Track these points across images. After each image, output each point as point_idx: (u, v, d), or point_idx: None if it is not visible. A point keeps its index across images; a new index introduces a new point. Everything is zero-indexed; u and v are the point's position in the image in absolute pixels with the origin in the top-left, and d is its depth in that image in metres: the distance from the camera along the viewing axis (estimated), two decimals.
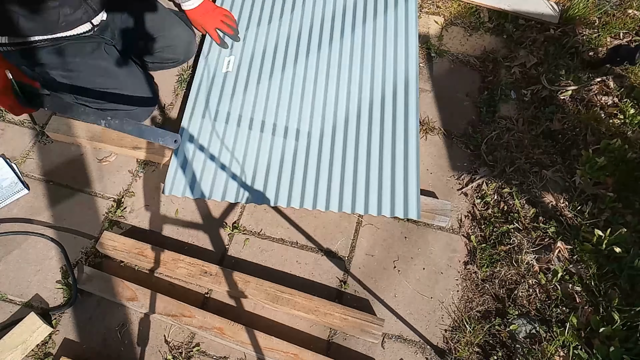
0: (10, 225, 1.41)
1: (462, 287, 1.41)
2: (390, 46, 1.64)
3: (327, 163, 1.44)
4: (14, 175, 1.46)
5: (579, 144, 1.65)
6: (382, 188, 1.39)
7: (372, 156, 1.44)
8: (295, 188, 1.40)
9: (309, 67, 1.60)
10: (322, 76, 1.59)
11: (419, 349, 1.32)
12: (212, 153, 1.47)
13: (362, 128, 1.48)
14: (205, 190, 1.41)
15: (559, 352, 1.28)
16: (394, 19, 1.70)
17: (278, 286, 1.31)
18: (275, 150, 1.47)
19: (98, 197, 1.48)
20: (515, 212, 1.51)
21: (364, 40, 1.66)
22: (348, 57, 1.62)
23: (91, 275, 1.31)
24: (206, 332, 1.25)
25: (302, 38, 1.67)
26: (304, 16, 1.72)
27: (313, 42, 1.66)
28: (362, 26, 1.68)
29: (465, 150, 1.64)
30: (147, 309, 1.27)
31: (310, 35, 1.67)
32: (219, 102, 1.56)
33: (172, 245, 1.42)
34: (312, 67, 1.60)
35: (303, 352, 1.23)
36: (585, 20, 1.94)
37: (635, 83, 1.79)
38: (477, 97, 1.75)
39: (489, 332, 1.33)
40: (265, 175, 1.43)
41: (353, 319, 1.28)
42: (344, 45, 1.64)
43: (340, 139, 1.47)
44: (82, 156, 1.54)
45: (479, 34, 1.91)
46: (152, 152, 1.51)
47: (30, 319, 1.23)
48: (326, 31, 1.68)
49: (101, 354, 1.26)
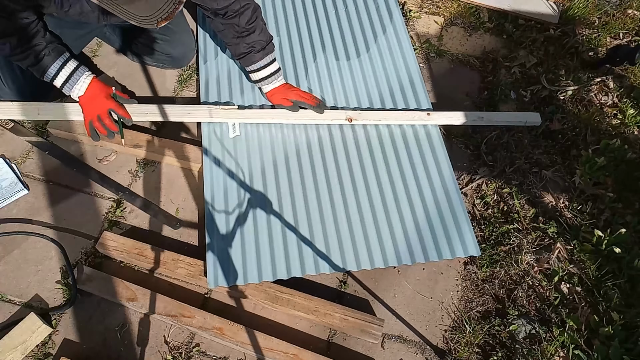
0: (10, 225, 1.41)
1: (462, 287, 1.41)
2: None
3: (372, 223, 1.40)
4: (13, 175, 1.46)
5: (578, 144, 1.65)
6: (436, 233, 1.39)
7: (416, 206, 1.43)
8: (349, 250, 1.36)
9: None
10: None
11: (419, 349, 1.32)
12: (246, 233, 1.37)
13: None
14: (252, 272, 1.31)
15: (558, 353, 1.28)
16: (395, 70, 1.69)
17: (278, 286, 1.31)
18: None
19: (98, 197, 1.48)
20: (515, 212, 1.51)
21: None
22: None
23: (91, 276, 1.31)
24: (206, 332, 1.25)
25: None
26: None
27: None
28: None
29: (465, 150, 1.64)
30: (147, 309, 1.27)
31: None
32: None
33: (172, 245, 1.42)
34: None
35: (303, 352, 1.23)
36: (585, 20, 1.94)
37: (635, 83, 1.79)
38: (477, 97, 1.75)
39: (488, 333, 1.33)
40: (325, 241, 1.36)
41: (353, 319, 1.28)
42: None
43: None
44: (82, 156, 1.54)
45: (479, 34, 1.91)
46: (152, 151, 1.51)
47: (30, 319, 1.23)
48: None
49: (101, 354, 1.26)
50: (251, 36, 1.40)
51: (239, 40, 1.41)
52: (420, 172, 1.48)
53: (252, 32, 1.40)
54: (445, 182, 1.47)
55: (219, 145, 1.50)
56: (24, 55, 1.27)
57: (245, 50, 1.43)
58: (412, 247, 1.36)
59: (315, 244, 1.35)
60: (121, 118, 1.40)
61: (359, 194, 1.44)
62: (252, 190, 1.43)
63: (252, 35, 1.40)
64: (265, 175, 1.46)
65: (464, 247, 1.37)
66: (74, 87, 1.35)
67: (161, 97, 1.69)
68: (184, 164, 1.52)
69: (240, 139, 1.52)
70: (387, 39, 1.76)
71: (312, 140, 1.54)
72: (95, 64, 1.72)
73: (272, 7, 1.82)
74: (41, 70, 1.31)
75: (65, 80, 1.33)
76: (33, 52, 1.26)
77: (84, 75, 1.36)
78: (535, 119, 1.64)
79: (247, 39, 1.40)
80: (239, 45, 1.42)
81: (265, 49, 1.44)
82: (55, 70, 1.31)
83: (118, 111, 1.39)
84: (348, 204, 1.42)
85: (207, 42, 1.72)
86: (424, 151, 1.53)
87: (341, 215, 1.40)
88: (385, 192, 1.44)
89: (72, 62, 1.34)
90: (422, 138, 1.55)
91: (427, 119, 1.55)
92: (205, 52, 1.70)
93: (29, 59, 1.27)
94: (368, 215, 1.40)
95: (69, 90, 1.36)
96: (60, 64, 1.31)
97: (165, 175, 1.53)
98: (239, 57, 1.47)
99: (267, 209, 1.40)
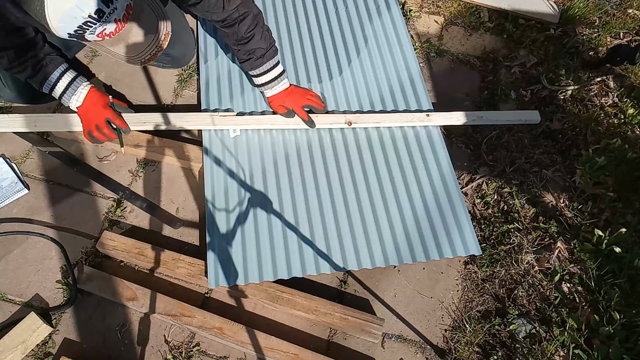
0: (10, 225, 1.41)
1: (462, 286, 1.41)
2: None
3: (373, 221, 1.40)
4: (14, 175, 1.46)
5: (579, 143, 1.65)
6: (437, 232, 1.39)
7: (417, 205, 1.43)
8: (350, 250, 1.36)
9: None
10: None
11: (419, 349, 1.32)
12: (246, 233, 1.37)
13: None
14: (252, 272, 1.31)
15: (558, 352, 1.28)
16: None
17: (278, 286, 1.31)
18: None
19: (98, 197, 1.48)
20: (515, 212, 1.51)
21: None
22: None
23: (91, 275, 1.31)
24: (206, 332, 1.25)
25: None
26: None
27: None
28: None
29: (465, 150, 1.64)
30: (147, 308, 1.27)
31: None
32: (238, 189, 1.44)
33: (172, 245, 1.42)
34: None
35: (303, 352, 1.23)
36: (585, 20, 1.94)
37: (635, 83, 1.79)
38: (477, 96, 1.75)
39: (489, 332, 1.33)
40: (325, 242, 1.36)
41: (353, 318, 1.28)
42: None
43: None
44: (82, 156, 1.54)
45: (479, 34, 1.91)
46: (152, 150, 1.51)
47: (30, 318, 1.23)
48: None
49: (101, 354, 1.26)
50: (250, 43, 1.39)
51: (239, 47, 1.41)
52: (421, 172, 1.48)
53: (251, 39, 1.39)
54: (446, 181, 1.47)
55: (220, 145, 1.50)
56: (21, 67, 1.26)
57: (245, 57, 1.43)
58: (413, 246, 1.36)
59: (316, 244, 1.35)
60: (119, 128, 1.40)
61: (360, 192, 1.44)
62: (252, 190, 1.43)
63: (251, 43, 1.39)
64: (266, 175, 1.46)
65: (464, 246, 1.37)
66: (72, 97, 1.34)
67: (161, 96, 1.69)
68: (184, 163, 1.52)
69: (241, 138, 1.52)
70: (388, 39, 1.75)
71: (313, 140, 1.53)
72: (91, 67, 1.72)
73: (272, 8, 1.82)
74: (39, 82, 1.30)
75: (63, 90, 1.33)
76: (30, 64, 1.26)
77: (82, 85, 1.35)
78: (534, 117, 1.64)
79: (247, 46, 1.40)
80: (240, 51, 1.42)
81: (265, 56, 1.42)
82: (53, 80, 1.31)
83: (115, 121, 1.38)
84: (349, 203, 1.42)
85: (207, 42, 1.72)
86: (425, 151, 1.53)
87: (342, 215, 1.40)
88: (386, 191, 1.44)
89: (70, 72, 1.33)
90: (423, 139, 1.55)
91: (427, 119, 1.55)
92: (205, 52, 1.70)
93: (26, 71, 1.27)
94: (369, 214, 1.40)
95: (67, 101, 1.35)
96: (58, 75, 1.31)
97: (165, 175, 1.53)
98: (241, 62, 1.47)
99: (268, 209, 1.40)
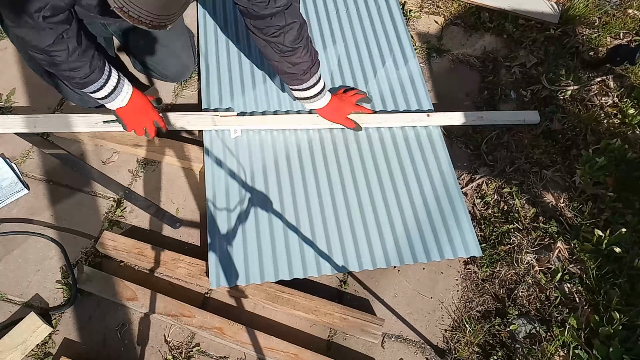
0: (10, 225, 1.41)
1: (462, 287, 1.41)
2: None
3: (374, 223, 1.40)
4: (13, 175, 1.46)
5: (579, 144, 1.65)
6: (437, 233, 1.39)
7: (418, 206, 1.43)
8: (351, 250, 1.36)
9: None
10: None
11: (419, 349, 1.32)
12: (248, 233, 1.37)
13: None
14: (253, 273, 1.31)
15: (558, 352, 1.28)
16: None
17: (278, 286, 1.31)
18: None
19: (98, 197, 1.48)
20: (515, 212, 1.51)
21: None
22: None
23: (91, 275, 1.31)
24: (206, 332, 1.25)
25: None
26: None
27: None
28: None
29: (465, 150, 1.64)
30: (147, 308, 1.27)
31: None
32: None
33: (172, 245, 1.42)
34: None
35: (303, 352, 1.23)
36: (585, 20, 1.94)
37: (635, 83, 1.79)
38: (477, 97, 1.75)
39: (489, 332, 1.33)
40: (327, 242, 1.36)
41: (353, 318, 1.28)
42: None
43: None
44: (82, 155, 1.54)
45: (479, 34, 1.91)
46: (153, 150, 1.51)
47: (30, 318, 1.23)
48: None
49: (101, 354, 1.26)
50: (295, 56, 1.29)
51: (282, 59, 1.30)
52: (422, 172, 1.48)
53: (297, 52, 1.28)
54: (447, 181, 1.47)
55: (221, 145, 1.50)
56: (81, 63, 1.15)
57: (288, 71, 1.32)
58: (414, 247, 1.36)
59: (317, 244, 1.35)
60: (160, 128, 1.45)
61: (361, 193, 1.44)
62: (253, 190, 1.43)
63: (296, 55, 1.29)
64: (266, 175, 1.46)
65: (465, 247, 1.37)
66: (117, 97, 1.30)
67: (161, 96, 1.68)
68: (185, 163, 1.52)
69: (242, 138, 1.52)
70: (388, 40, 1.75)
71: (314, 140, 1.54)
72: None
73: None
74: (89, 82, 1.21)
75: (111, 90, 1.27)
76: (88, 62, 1.16)
77: (126, 85, 1.31)
78: (534, 117, 1.64)
79: (291, 58, 1.29)
80: (282, 63, 1.31)
81: (311, 69, 1.34)
82: (104, 80, 1.23)
83: (160, 123, 1.44)
84: (350, 203, 1.42)
85: (207, 42, 1.72)
86: (425, 152, 1.53)
87: (343, 215, 1.40)
88: (386, 192, 1.44)
89: (114, 72, 1.27)
90: (424, 139, 1.55)
91: (427, 120, 1.55)
92: (205, 52, 1.69)
93: (83, 69, 1.16)
94: (370, 215, 1.40)
95: (110, 101, 1.30)
96: (107, 75, 1.23)
97: (165, 175, 1.53)
98: (282, 75, 1.38)
99: (269, 209, 1.40)
